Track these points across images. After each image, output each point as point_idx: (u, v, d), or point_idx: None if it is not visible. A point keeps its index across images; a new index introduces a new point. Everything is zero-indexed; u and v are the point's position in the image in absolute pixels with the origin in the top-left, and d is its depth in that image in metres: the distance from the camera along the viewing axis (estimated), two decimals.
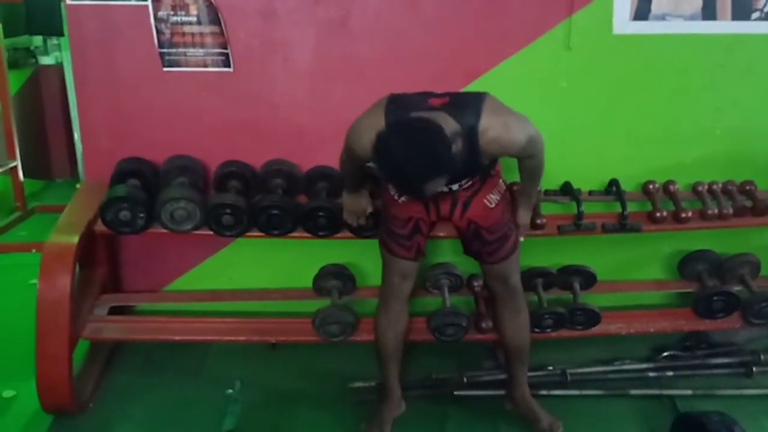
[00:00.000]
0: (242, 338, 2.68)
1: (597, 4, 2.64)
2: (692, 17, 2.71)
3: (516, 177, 2.38)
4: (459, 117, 1.98)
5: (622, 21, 2.69)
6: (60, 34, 4.02)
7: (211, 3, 2.54)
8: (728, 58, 2.76)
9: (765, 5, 2.72)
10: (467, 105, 2.04)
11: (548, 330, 2.69)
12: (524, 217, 2.43)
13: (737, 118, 2.85)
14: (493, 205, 2.24)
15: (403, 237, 2.29)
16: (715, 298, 2.73)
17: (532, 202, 2.43)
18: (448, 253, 2.87)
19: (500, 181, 2.31)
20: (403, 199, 2.23)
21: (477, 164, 2.10)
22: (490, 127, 2.01)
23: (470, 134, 2.00)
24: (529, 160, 2.21)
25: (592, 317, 2.69)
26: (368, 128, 2.01)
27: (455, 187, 2.16)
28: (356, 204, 2.47)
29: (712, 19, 2.72)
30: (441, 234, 2.58)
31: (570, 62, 2.70)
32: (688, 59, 2.75)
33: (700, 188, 2.82)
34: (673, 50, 2.73)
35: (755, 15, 2.73)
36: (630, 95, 2.78)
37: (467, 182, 2.18)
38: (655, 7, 2.68)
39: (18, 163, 4.31)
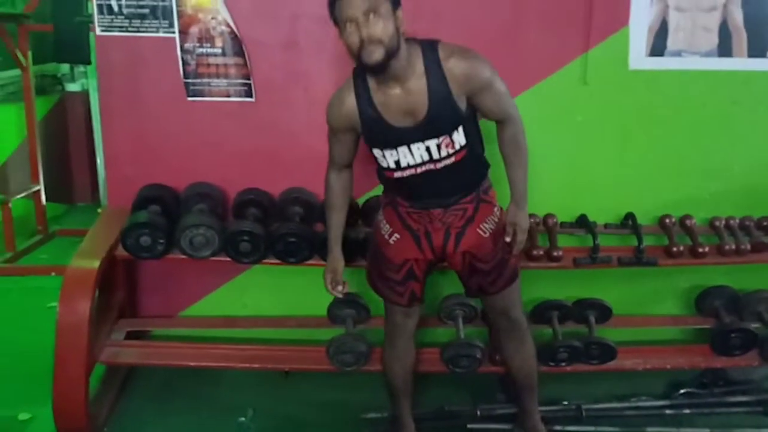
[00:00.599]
0: (256, 365, 2.68)
1: (613, 40, 2.68)
2: (708, 54, 2.73)
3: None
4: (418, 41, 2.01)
5: (638, 57, 2.71)
6: (87, 62, 4.13)
7: (236, 36, 2.60)
8: (744, 94, 2.78)
9: None
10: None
11: (563, 363, 2.68)
12: (519, 215, 2.22)
13: (754, 153, 2.85)
14: (487, 235, 2.20)
15: (396, 282, 2.25)
16: (732, 334, 2.71)
17: (524, 194, 2.23)
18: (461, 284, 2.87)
19: (495, 209, 2.23)
20: (396, 236, 2.20)
21: (452, 105, 2.00)
22: (449, 51, 1.99)
23: (432, 54, 1.98)
24: (509, 126, 2.12)
25: (607, 351, 2.67)
26: (338, 95, 2.08)
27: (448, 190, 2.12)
28: (328, 263, 2.32)
29: (728, 56, 2.74)
30: None
31: (586, 96, 2.73)
32: (704, 95, 2.77)
33: (717, 223, 2.81)
34: (689, 86, 2.75)
35: None
36: (646, 129, 2.79)
37: (461, 198, 2.14)
38: (671, 44, 2.71)
39: (41, 187, 4.39)
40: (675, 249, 2.71)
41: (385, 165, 2.11)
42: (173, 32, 2.60)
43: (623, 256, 2.71)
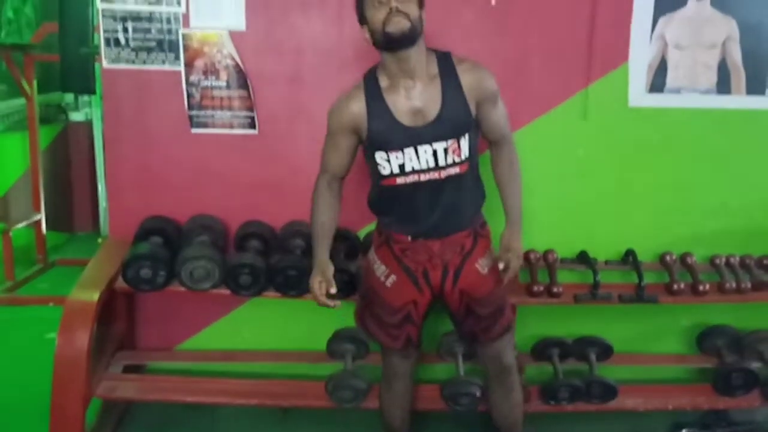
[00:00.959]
0: (254, 401, 2.65)
1: (613, 76, 2.71)
2: (707, 91, 2.76)
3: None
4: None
5: (638, 93, 2.74)
6: (92, 92, 4.14)
7: (240, 69, 2.63)
8: (744, 132, 2.80)
9: None
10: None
11: (564, 402, 2.66)
12: (514, 238, 2.14)
13: (754, 191, 2.86)
14: (486, 271, 2.16)
15: (391, 325, 2.21)
16: (734, 374, 2.69)
17: (520, 218, 2.18)
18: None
19: (491, 246, 2.22)
20: (392, 278, 2.16)
21: (464, 107, 2.03)
22: (462, 59, 2.06)
23: (445, 60, 2.04)
24: (505, 147, 2.15)
25: (608, 391, 2.65)
26: (346, 94, 2.09)
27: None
28: (315, 269, 2.17)
29: (727, 94, 2.76)
30: None
31: (587, 132, 2.75)
32: (704, 132, 2.79)
33: (717, 261, 2.81)
34: (689, 123, 2.77)
35: None
36: (647, 166, 2.81)
37: (459, 229, 2.11)
38: (671, 81, 2.74)
39: (42, 216, 4.39)
40: (676, 286, 2.71)
41: (387, 171, 2.06)
42: (179, 65, 2.63)
43: (624, 293, 2.71)
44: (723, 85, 2.75)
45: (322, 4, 2.62)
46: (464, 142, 2.03)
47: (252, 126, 2.70)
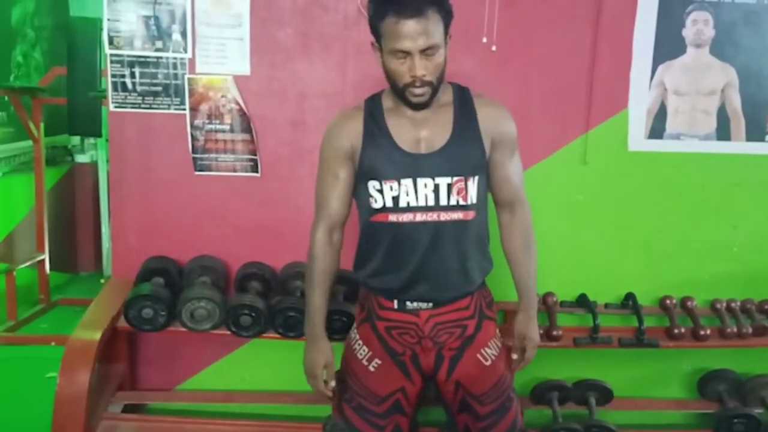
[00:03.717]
0: None
1: (613, 122, 2.75)
2: (707, 137, 2.78)
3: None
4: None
5: (637, 139, 2.77)
6: (98, 135, 4.22)
7: (244, 113, 2.68)
8: (744, 177, 2.83)
9: None
10: None
11: None
12: (530, 327, 1.88)
13: (755, 235, 2.88)
14: (489, 363, 1.84)
15: (376, 415, 1.87)
16: (735, 420, 2.67)
17: (535, 299, 1.92)
18: None
19: (498, 332, 1.92)
20: (376, 362, 1.86)
21: (477, 141, 1.76)
22: (480, 94, 1.83)
23: (462, 91, 1.81)
24: (520, 210, 1.88)
25: None
26: (342, 114, 1.85)
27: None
28: (318, 355, 1.89)
29: (727, 140, 2.79)
30: None
31: (586, 176, 2.78)
32: (703, 177, 2.81)
33: (718, 305, 2.81)
34: (689, 168, 2.80)
35: None
36: (646, 210, 2.83)
37: (459, 296, 1.81)
38: (670, 127, 2.77)
39: (46, 256, 4.41)
40: (676, 331, 2.70)
41: (378, 205, 1.76)
42: (184, 109, 2.68)
43: (624, 336, 2.70)
44: (722, 131, 2.79)
45: (326, 49, 2.68)
46: (472, 184, 1.75)
47: (255, 169, 2.74)
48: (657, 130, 2.78)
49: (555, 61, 2.72)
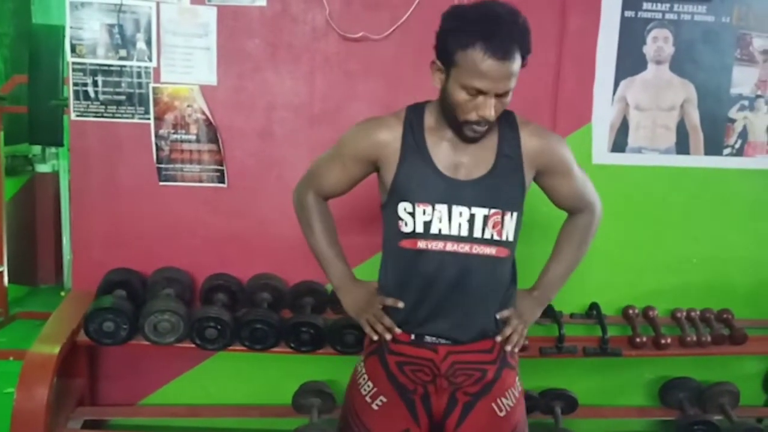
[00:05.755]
0: None
1: (578, 135, 2.79)
2: (667, 151, 2.85)
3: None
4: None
5: (601, 152, 2.82)
6: (60, 144, 4.14)
7: (211, 123, 2.66)
8: (703, 190, 2.89)
9: (735, 142, 2.88)
10: None
11: None
12: (532, 310, 1.84)
13: (713, 247, 2.94)
14: (504, 414, 1.71)
15: None
16: (695, 427, 2.73)
17: (552, 293, 1.89)
18: None
19: (518, 381, 1.79)
20: (380, 400, 1.72)
21: (519, 174, 1.67)
22: (526, 121, 1.72)
23: (507, 116, 1.69)
24: (586, 214, 1.85)
25: None
26: (381, 118, 1.69)
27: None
28: (356, 292, 1.80)
29: (686, 154, 2.86)
30: None
31: None
32: (664, 190, 2.87)
33: (678, 315, 2.87)
34: (650, 181, 2.86)
35: (726, 151, 2.88)
36: (610, 222, 2.82)
37: (481, 336, 1.70)
38: (632, 141, 2.83)
39: (4, 268, 4.31)
40: (638, 339, 2.75)
41: (408, 229, 1.63)
42: (148, 118, 2.65)
43: (588, 346, 2.74)
44: (682, 146, 2.85)
45: (295, 60, 2.68)
46: (509, 220, 1.66)
47: (221, 180, 2.72)
48: (619, 144, 2.83)
49: (521, 78, 2.68)
